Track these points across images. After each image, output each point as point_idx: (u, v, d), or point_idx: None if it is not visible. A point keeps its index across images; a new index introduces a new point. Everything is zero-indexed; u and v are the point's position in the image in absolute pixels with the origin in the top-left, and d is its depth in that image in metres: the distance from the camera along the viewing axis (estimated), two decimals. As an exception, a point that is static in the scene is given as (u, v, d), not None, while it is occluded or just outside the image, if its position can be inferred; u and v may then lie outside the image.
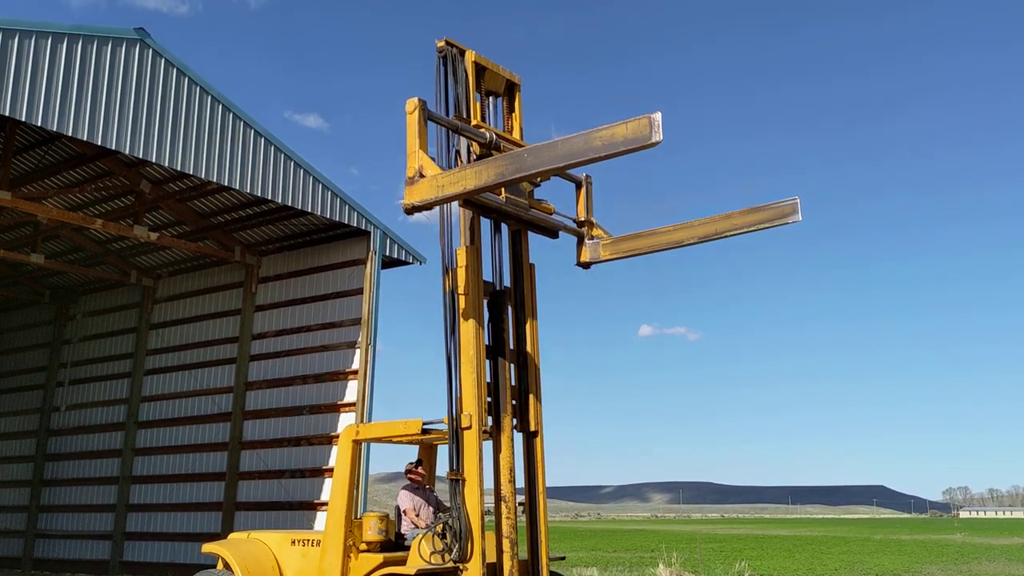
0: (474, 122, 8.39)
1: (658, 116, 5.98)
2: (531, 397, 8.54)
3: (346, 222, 18.68)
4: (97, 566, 22.66)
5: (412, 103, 7.70)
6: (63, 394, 25.48)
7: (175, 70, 16.23)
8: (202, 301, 22.56)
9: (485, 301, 8.37)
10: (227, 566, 10.06)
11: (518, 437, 8.46)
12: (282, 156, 17.70)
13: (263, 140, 17.44)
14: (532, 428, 8.53)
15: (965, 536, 63.65)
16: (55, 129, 14.37)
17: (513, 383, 8.48)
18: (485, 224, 8.55)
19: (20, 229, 22.73)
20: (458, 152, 8.39)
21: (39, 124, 14.15)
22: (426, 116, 7.79)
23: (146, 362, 23.38)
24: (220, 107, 16.83)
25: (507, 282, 8.77)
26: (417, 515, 9.89)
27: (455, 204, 8.25)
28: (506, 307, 8.66)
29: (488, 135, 8.35)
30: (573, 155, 6.45)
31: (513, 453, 8.19)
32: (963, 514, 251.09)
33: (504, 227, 8.80)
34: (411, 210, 7.53)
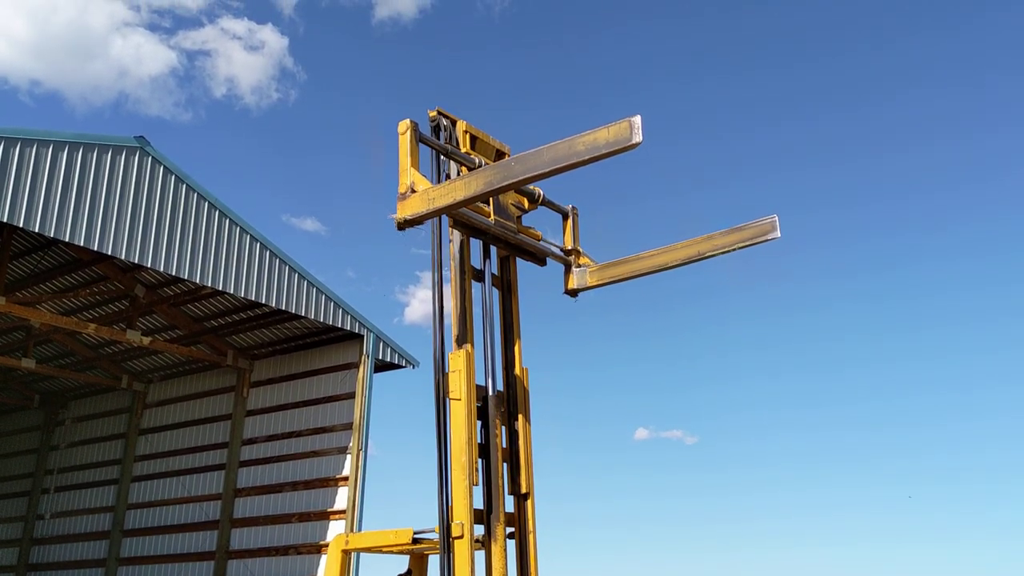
0: (464, 150, 8.61)
1: (638, 119, 6.19)
2: (522, 458, 8.40)
3: (339, 326, 18.70)
4: None
5: (404, 124, 7.96)
6: (48, 501, 24.99)
7: (173, 176, 16.49)
8: (193, 406, 22.36)
9: (477, 406, 8.31)
10: None
11: (510, 544, 8.28)
12: (277, 260, 17.84)
13: (259, 244, 17.60)
14: (524, 490, 8.37)
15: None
16: (52, 235, 14.51)
17: (504, 446, 8.38)
18: (477, 307, 8.56)
19: (12, 334, 22.69)
20: (448, 175, 8.56)
21: (37, 230, 14.29)
22: (418, 137, 8.01)
23: (134, 468, 23.01)
24: (216, 213, 17.04)
25: (500, 385, 8.73)
26: (408, 628, 9.58)
27: (448, 299, 8.31)
28: (499, 410, 8.59)
29: (478, 160, 8.55)
30: (558, 160, 6.61)
31: (506, 563, 8.00)
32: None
33: (496, 298, 8.81)
34: (403, 224, 7.67)
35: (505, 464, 8.49)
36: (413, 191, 7.73)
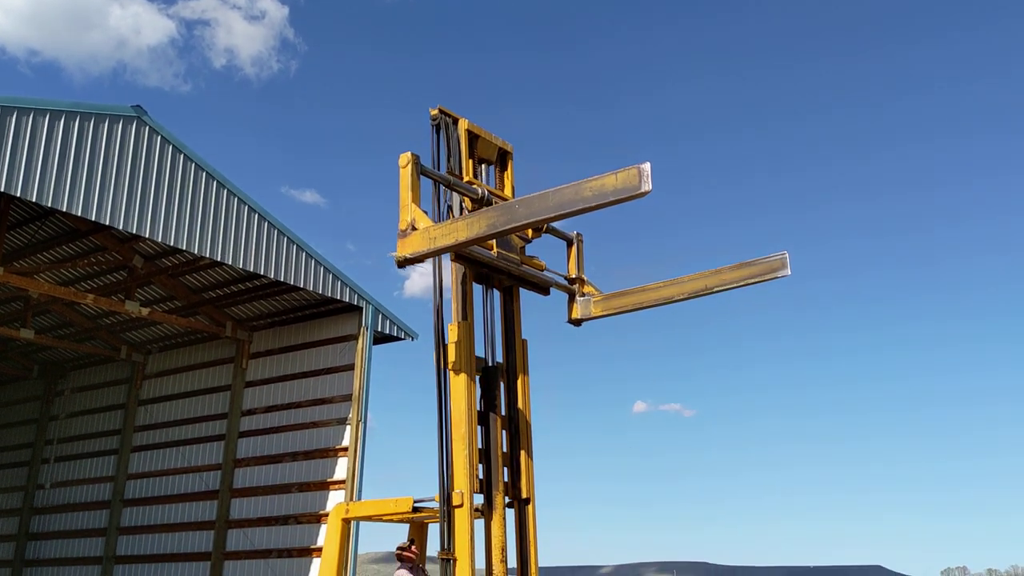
0: (466, 179, 8.46)
1: (647, 166, 6.01)
2: (523, 463, 8.40)
3: (338, 298, 18.67)
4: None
5: (405, 157, 7.76)
6: (48, 471, 25.08)
7: (171, 147, 16.39)
8: (192, 377, 22.38)
9: (477, 377, 8.30)
10: None
11: (510, 513, 8.32)
12: (276, 232, 17.78)
13: (257, 216, 17.53)
14: (524, 495, 8.39)
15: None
16: (50, 205, 14.44)
17: (505, 450, 8.37)
18: (477, 297, 8.52)
19: (11, 304, 22.65)
20: (450, 207, 8.41)
21: (34, 200, 14.22)
22: (419, 171, 7.84)
23: (133, 439, 23.08)
24: (215, 183, 16.96)
25: (499, 357, 8.71)
26: (414, 595, 9.65)
27: (448, 275, 8.25)
28: (498, 382, 8.58)
29: (480, 191, 8.39)
30: (563, 206, 6.46)
31: (505, 532, 8.03)
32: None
33: (496, 294, 8.75)
34: (403, 263, 7.51)
35: (504, 431, 8.50)
36: (414, 228, 7.50)
